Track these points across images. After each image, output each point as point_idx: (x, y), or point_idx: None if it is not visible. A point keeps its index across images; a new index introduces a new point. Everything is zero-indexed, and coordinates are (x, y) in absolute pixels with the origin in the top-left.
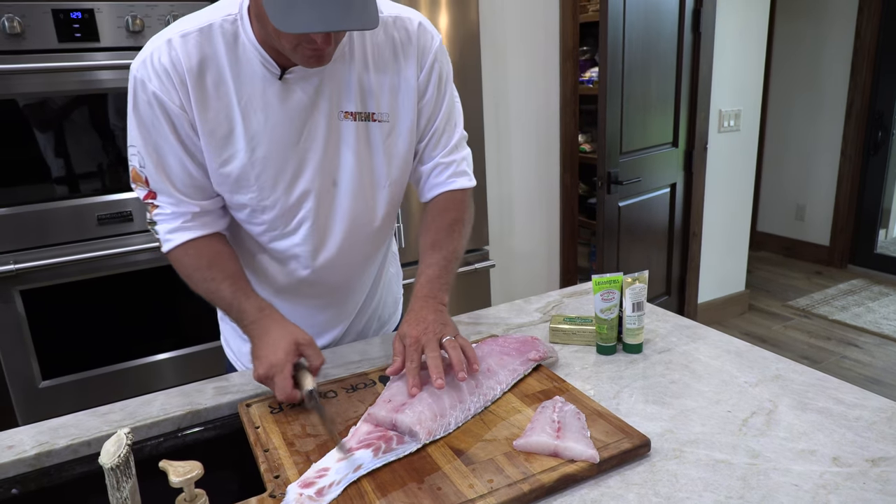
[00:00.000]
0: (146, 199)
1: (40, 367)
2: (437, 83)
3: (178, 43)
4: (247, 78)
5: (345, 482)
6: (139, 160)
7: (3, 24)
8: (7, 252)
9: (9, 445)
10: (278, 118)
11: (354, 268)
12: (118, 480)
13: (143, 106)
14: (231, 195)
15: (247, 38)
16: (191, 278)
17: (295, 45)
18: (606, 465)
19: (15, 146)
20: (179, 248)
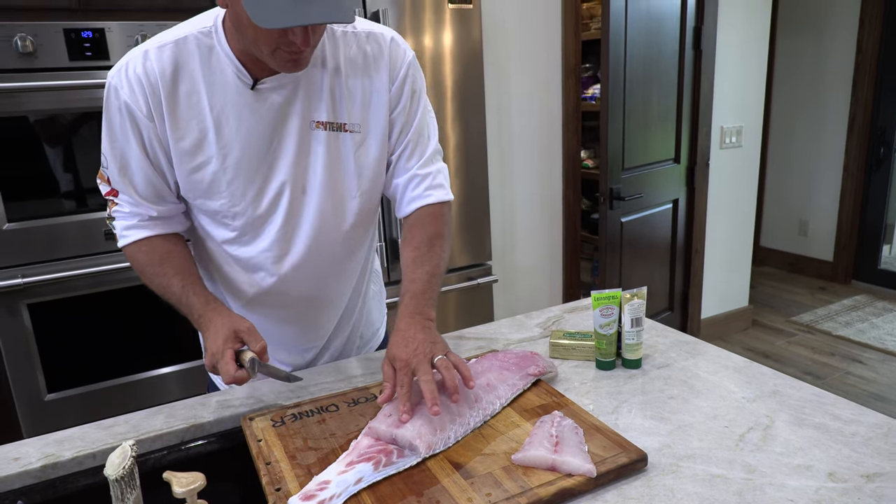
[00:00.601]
0: (107, 196)
1: (46, 380)
2: (409, 95)
3: (154, 54)
4: (219, 87)
5: (345, 495)
6: (104, 161)
7: (16, 44)
8: (15, 266)
9: (14, 458)
10: (250, 126)
11: (323, 279)
12: (122, 492)
13: (114, 112)
14: (203, 201)
15: (221, 49)
16: (144, 273)
17: (273, 48)
18: (604, 480)
19: (25, 162)
20: (134, 244)
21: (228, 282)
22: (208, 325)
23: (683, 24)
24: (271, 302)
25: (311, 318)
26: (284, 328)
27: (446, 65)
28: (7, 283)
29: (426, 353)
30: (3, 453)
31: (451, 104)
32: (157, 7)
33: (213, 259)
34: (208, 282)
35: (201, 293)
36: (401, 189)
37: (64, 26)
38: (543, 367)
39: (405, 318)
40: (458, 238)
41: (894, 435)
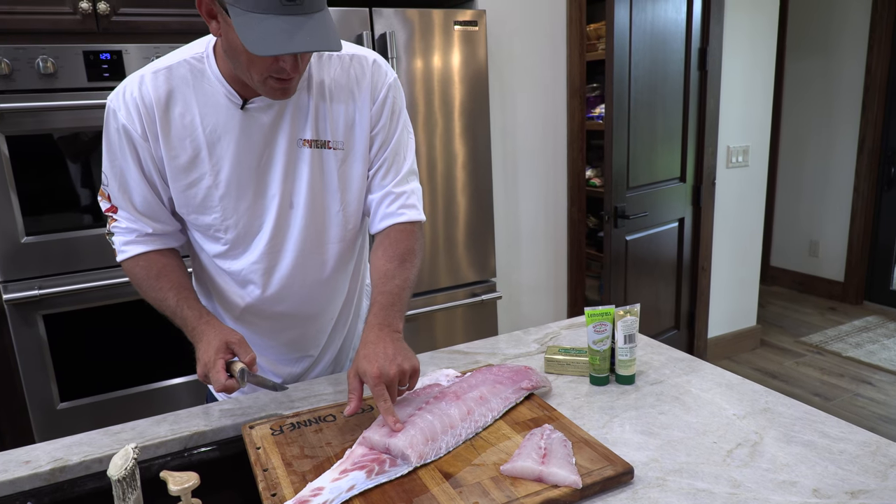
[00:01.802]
0: (107, 212)
1: (59, 388)
2: (388, 115)
3: (149, 79)
4: (211, 108)
5: (337, 501)
6: (105, 179)
7: (38, 65)
8: (32, 278)
9: (25, 461)
10: (240, 144)
11: (311, 292)
12: (124, 492)
13: (112, 133)
14: (196, 216)
15: (212, 73)
16: (141, 287)
17: (264, 77)
18: (589, 492)
19: (43, 178)
20: (132, 259)
21: (221, 295)
22: (201, 337)
23: (689, 45)
24: (261, 314)
25: (301, 330)
26: (275, 339)
27: (452, 84)
28: (24, 294)
29: (396, 370)
30: (14, 456)
31: (457, 123)
32: (171, 30)
33: (207, 272)
34: (203, 295)
35: (195, 307)
36: (374, 205)
37: (83, 48)
38: (537, 382)
39: (374, 331)
40: (463, 255)
41: (882, 454)
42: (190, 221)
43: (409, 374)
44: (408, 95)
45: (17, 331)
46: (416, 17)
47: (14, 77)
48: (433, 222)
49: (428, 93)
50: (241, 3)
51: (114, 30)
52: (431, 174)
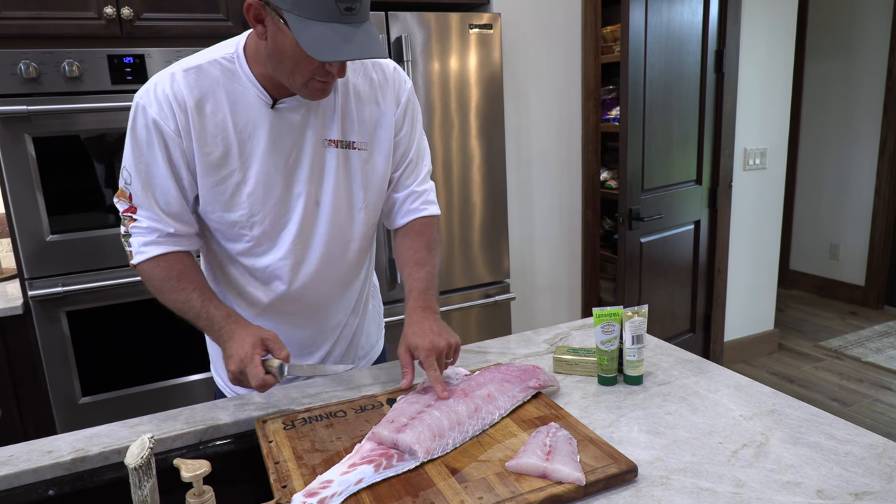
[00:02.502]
0: (126, 213)
1: (81, 383)
2: (411, 120)
3: (181, 76)
4: (242, 106)
5: (345, 493)
6: (127, 178)
7: (64, 69)
8: (56, 275)
9: (48, 451)
10: (270, 143)
11: (332, 286)
12: (140, 479)
13: (141, 129)
14: (223, 213)
15: (243, 73)
16: (160, 289)
17: (308, 79)
18: (593, 489)
19: (67, 178)
20: (151, 260)
21: (242, 293)
22: (231, 335)
23: (705, 47)
24: (285, 309)
25: (318, 326)
26: (291, 335)
27: (467, 86)
28: (48, 291)
29: (444, 343)
30: (37, 446)
31: (472, 125)
32: (193, 34)
33: (227, 273)
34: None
35: (221, 307)
36: (399, 202)
37: (108, 52)
38: (544, 381)
39: (417, 312)
40: (477, 256)
41: (889, 456)
42: (214, 220)
43: (454, 347)
44: (423, 98)
45: (42, 327)
46: (431, 20)
47: (41, 80)
48: (449, 223)
49: (443, 95)
50: (301, 11)
51: (137, 34)
52: (447, 176)
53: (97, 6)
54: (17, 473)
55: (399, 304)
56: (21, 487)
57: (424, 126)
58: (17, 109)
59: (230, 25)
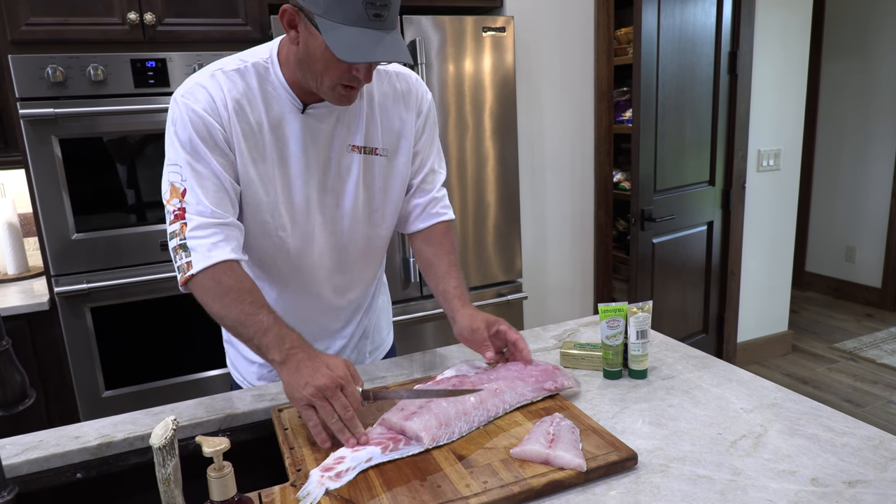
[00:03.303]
0: (176, 219)
1: (104, 377)
2: (430, 129)
3: (221, 77)
4: (275, 111)
5: (358, 468)
6: (179, 175)
7: (90, 73)
8: (81, 273)
9: (76, 436)
10: (299, 145)
11: (351, 283)
12: (164, 458)
13: (186, 127)
14: (255, 208)
15: (276, 79)
16: (224, 298)
17: (335, 84)
18: (594, 475)
19: (93, 179)
20: (219, 266)
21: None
22: (312, 356)
23: (718, 48)
24: (305, 302)
25: (338, 318)
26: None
27: (481, 89)
28: (73, 287)
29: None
30: (66, 432)
31: (485, 127)
32: (212, 39)
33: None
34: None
35: (293, 329)
36: (420, 207)
37: (131, 57)
38: (561, 384)
39: (467, 308)
40: (491, 255)
41: (885, 448)
42: (247, 213)
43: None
44: (437, 100)
45: (67, 322)
46: (445, 23)
47: (67, 84)
48: (463, 223)
49: (457, 98)
50: (332, 16)
51: (159, 39)
52: (462, 177)
53: (121, 12)
54: (47, 457)
55: (412, 302)
56: (50, 471)
57: (439, 128)
58: (45, 112)
59: (248, 30)
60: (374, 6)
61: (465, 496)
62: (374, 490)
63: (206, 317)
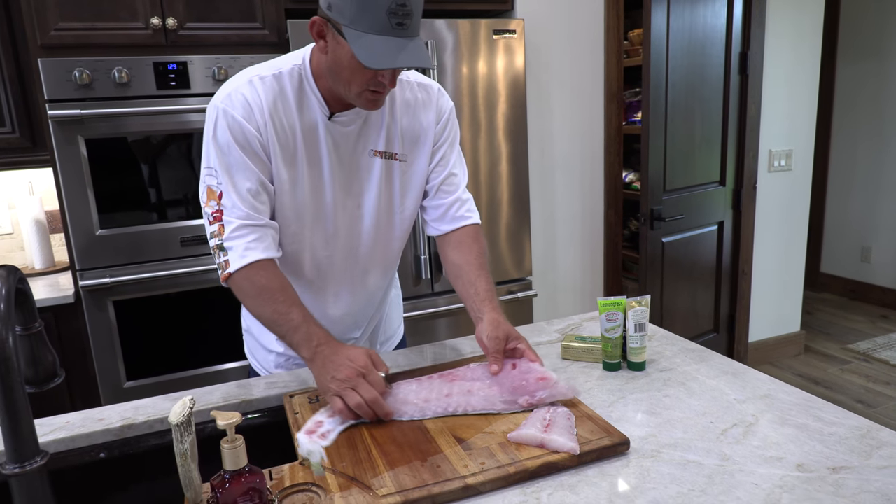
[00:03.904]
0: (215, 220)
1: (125, 368)
2: (450, 133)
3: (258, 83)
4: (307, 116)
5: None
6: (216, 178)
7: (114, 75)
8: (104, 267)
9: (100, 418)
10: (327, 150)
11: (369, 281)
12: (182, 434)
13: (225, 130)
14: (283, 207)
15: (308, 85)
16: (258, 296)
17: (362, 90)
18: (587, 458)
19: (116, 177)
20: (253, 266)
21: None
22: (336, 350)
23: (728, 49)
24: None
25: (356, 311)
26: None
27: (492, 90)
28: (97, 281)
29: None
30: (91, 415)
31: (496, 127)
32: (231, 42)
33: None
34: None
35: (321, 326)
36: (444, 208)
37: (153, 60)
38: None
39: (495, 313)
40: (500, 253)
41: (872, 437)
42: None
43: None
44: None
45: (91, 315)
46: (457, 26)
47: (93, 86)
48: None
49: (468, 99)
50: (357, 26)
51: (180, 43)
52: (474, 176)
53: (145, 17)
54: (73, 437)
55: (423, 298)
56: (76, 450)
57: None
58: (72, 113)
59: (266, 34)
60: (397, 16)
61: (462, 476)
62: (378, 469)
63: (223, 311)
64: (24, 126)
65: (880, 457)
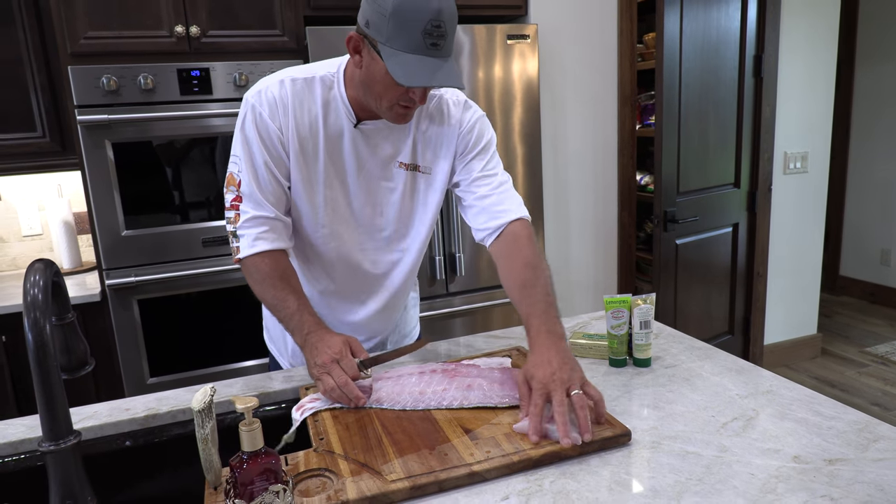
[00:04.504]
0: (233, 205)
1: (149, 365)
2: (479, 144)
3: (289, 84)
4: (333, 120)
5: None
6: (238, 167)
7: (140, 82)
8: (129, 267)
9: (126, 409)
10: (350, 156)
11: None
12: (203, 420)
13: (251, 124)
14: (304, 206)
15: (338, 93)
16: (261, 283)
17: (393, 103)
18: (589, 448)
19: (143, 180)
20: (259, 255)
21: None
22: (321, 338)
23: (743, 52)
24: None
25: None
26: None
27: (506, 94)
28: (122, 280)
29: (563, 381)
30: (117, 405)
31: (510, 130)
32: (252, 49)
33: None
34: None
35: (314, 314)
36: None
37: (177, 67)
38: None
39: (541, 336)
40: None
41: (870, 431)
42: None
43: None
44: None
45: (116, 313)
46: (472, 31)
47: (120, 92)
48: None
49: (484, 102)
50: (393, 44)
51: (203, 50)
52: None
53: (169, 25)
54: (101, 426)
55: (438, 299)
56: (103, 438)
57: None
58: (100, 118)
59: (285, 41)
60: (432, 36)
61: (468, 463)
62: (388, 456)
63: (244, 309)
64: (55, 131)
65: (876, 450)
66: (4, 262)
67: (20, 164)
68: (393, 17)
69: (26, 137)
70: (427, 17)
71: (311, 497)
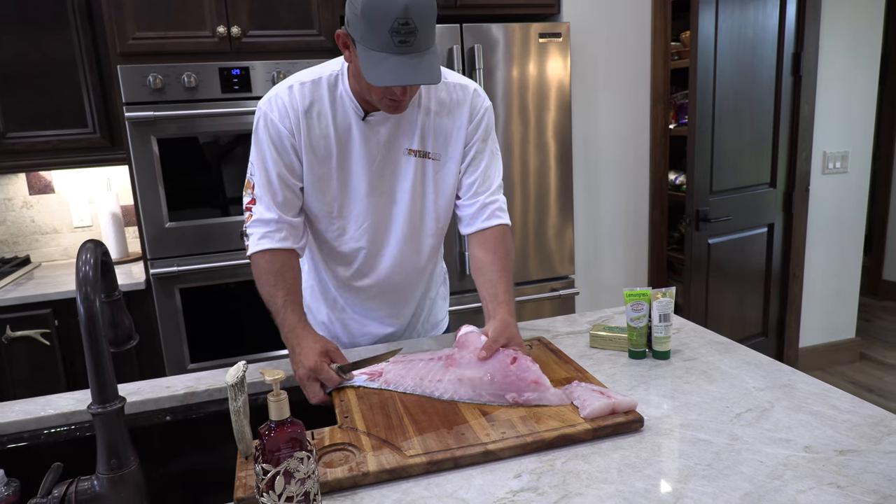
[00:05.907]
0: (248, 206)
1: (189, 351)
2: (483, 133)
3: (297, 89)
4: (341, 117)
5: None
6: (252, 170)
7: (184, 80)
8: (172, 257)
9: (167, 386)
10: (360, 148)
11: (405, 275)
12: (235, 394)
13: (263, 131)
14: (319, 204)
15: (344, 89)
16: (258, 278)
17: (381, 96)
18: (601, 433)
19: (186, 174)
20: (261, 252)
21: (331, 270)
22: (300, 341)
23: (780, 50)
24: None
25: (395, 304)
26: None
27: (537, 92)
28: (166, 270)
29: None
30: (159, 383)
31: (542, 128)
32: (290, 48)
33: (322, 251)
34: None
35: (298, 312)
36: (477, 208)
37: (219, 66)
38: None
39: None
40: (543, 251)
41: (884, 425)
42: (313, 209)
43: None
44: (498, 103)
45: (160, 301)
46: (503, 30)
47: (165, 90)
48: (524, 217)
49: (517, 100)
50: (366, 43)
51: (244, 49)
52: (523, 175)
53: (211, 26)
54: (143, 401)
55: (467, 294)
56: (145, 413)
57: (502, 129)
58: (146, 115)
59: (322, 40)
60: (400, 34)
61: (483, 442)
62: (408, 434)
63: None
64: (104, 127)
65: (890, 442)
66: (57, 251)
67: (73, 159)
68: (362, 16)
69: (78, 133)
70: (394, 14)
71: (334, 468)
